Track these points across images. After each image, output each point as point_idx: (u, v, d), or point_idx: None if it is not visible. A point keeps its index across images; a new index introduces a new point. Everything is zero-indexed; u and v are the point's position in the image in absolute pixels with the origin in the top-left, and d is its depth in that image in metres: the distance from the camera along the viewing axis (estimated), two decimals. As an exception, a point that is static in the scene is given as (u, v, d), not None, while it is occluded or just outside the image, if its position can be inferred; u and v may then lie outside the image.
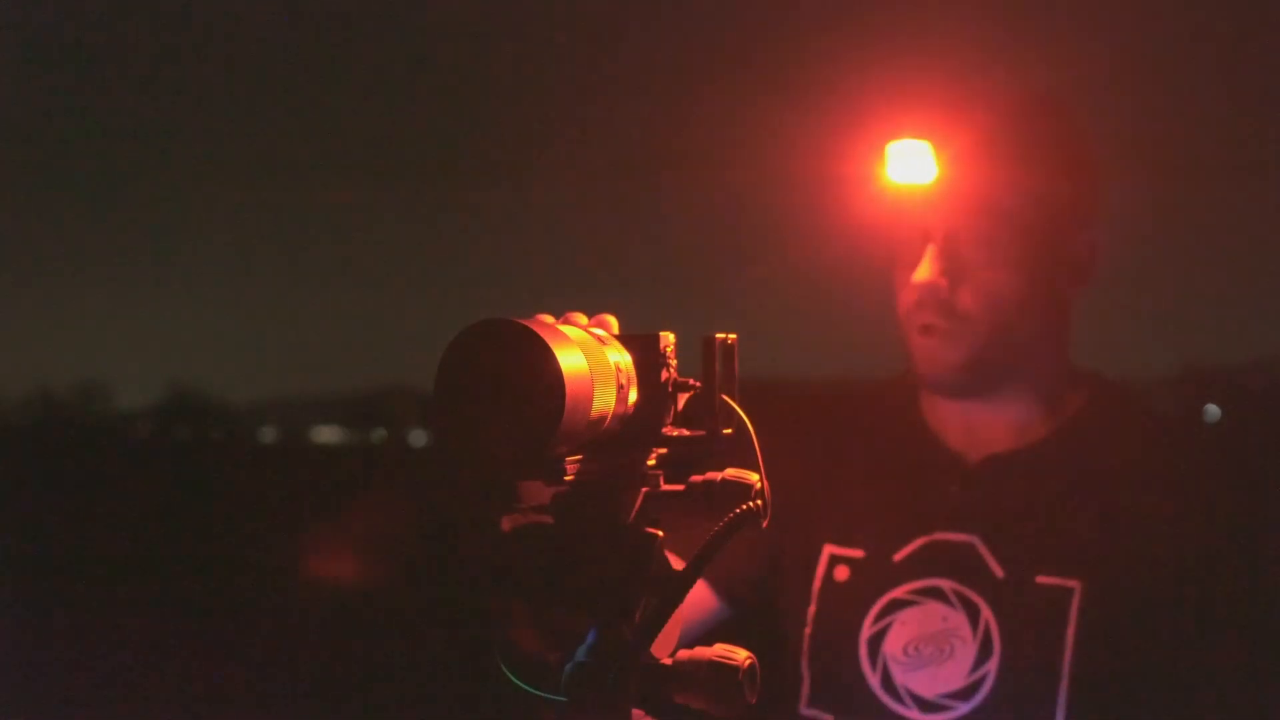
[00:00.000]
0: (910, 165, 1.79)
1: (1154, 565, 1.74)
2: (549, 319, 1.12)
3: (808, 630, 1.85)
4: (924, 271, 1.78)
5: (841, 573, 1.85)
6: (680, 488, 1.17)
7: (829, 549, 1.87)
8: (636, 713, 1.09)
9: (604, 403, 1.07)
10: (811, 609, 1.86)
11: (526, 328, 1.02)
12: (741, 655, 1.10)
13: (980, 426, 1.86)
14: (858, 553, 1.85)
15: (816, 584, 1.86)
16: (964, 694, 1.75)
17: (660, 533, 1.13)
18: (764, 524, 1.13)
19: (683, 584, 1.10)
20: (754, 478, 1.14)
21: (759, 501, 1.13)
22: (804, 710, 1.86)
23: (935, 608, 1.79)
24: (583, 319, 1.16)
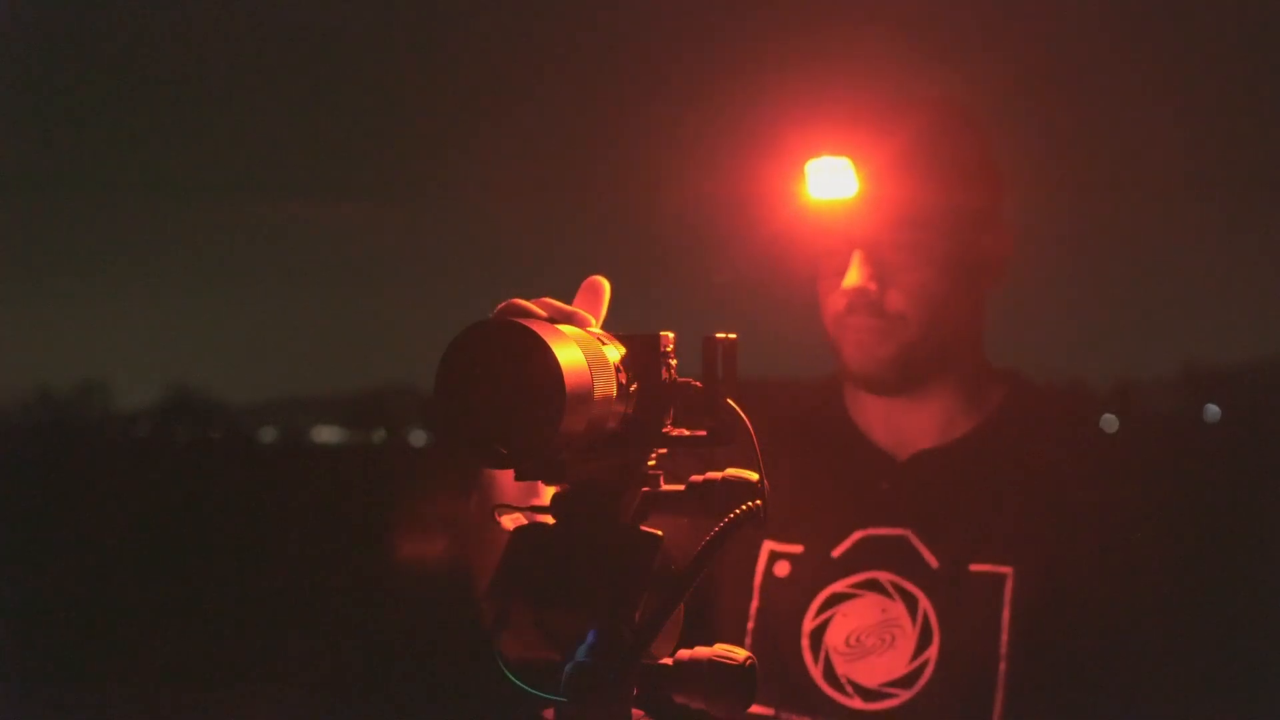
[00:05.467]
0: (830, 181, 1.88)
1: (1079, 547, 1.81)
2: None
3: (750, 625, 1.90)
4: (853, 277, 1.85)
5: (782, 568, 1.90)
6: (680, 488, 1.17)
7: (768, 545, 1.92)
8: (636, 713, 1.09)
9: (604, 403, 1.07)
10: (754, 605, 1.90)
11: (526, 328, 1.02)
12: (741, 655, 1.11)
13: (906, 424, 1.93)
14: (797, 548, 1.90)
15: (758, 579, 1.91)
16: (905, 681, 1.80)
17: (660, 533, 1.13)
18: (764, 523, 1.13)
19: (683, 584, 1.10)
20: (754, 477, 1.15)
21: (759, 501, 1.13)
22: None
23: (874, 599, 1.84)
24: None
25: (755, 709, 1.87)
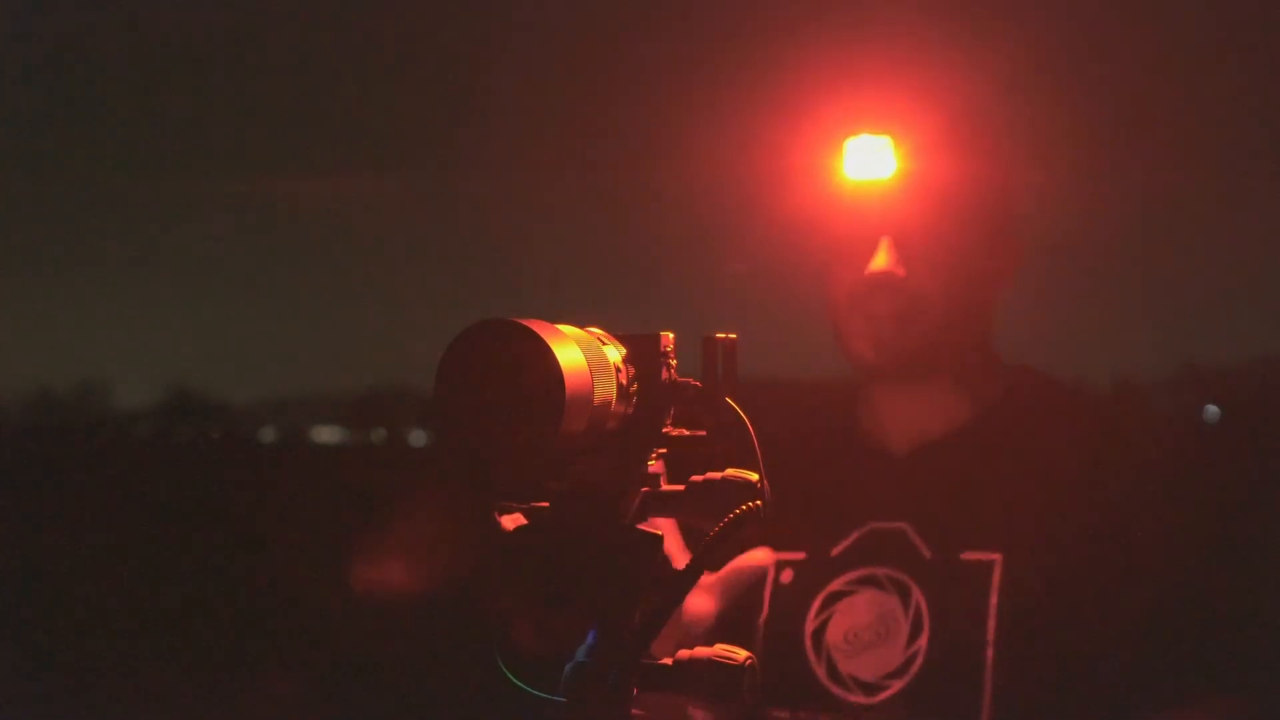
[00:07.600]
0: (867, 160, 1.85)
1: (1069, 535, 1.82)
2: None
3: (760, 635, 1.90)
4: (881, 260, 1.84)
5: (787, 575, 1.91)
6: (680, 488, 1.17)
7: (773, 556, 1.91)
8: (636, 712, 1.09)
9: (604, 402, 1.07)
10: (763, 616, 1.91)
11: (526, 327, 1.02)
12: (741, 655, 1.11)
13: (907, 418, 1.93)
14: (800, 555, 1.91)
15: (768, 591, 1.91)
16: (899, 672, 1.81)
17: (660, 533, 1.13)
18: (765, 523, 1.14)
19: (683, 584, 1.10)
20: (754, 477, 1.15)
21: (759, 501, 1.13)
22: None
23: (870, 594, 1.85)
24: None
25: (771, 713, 1.89)
